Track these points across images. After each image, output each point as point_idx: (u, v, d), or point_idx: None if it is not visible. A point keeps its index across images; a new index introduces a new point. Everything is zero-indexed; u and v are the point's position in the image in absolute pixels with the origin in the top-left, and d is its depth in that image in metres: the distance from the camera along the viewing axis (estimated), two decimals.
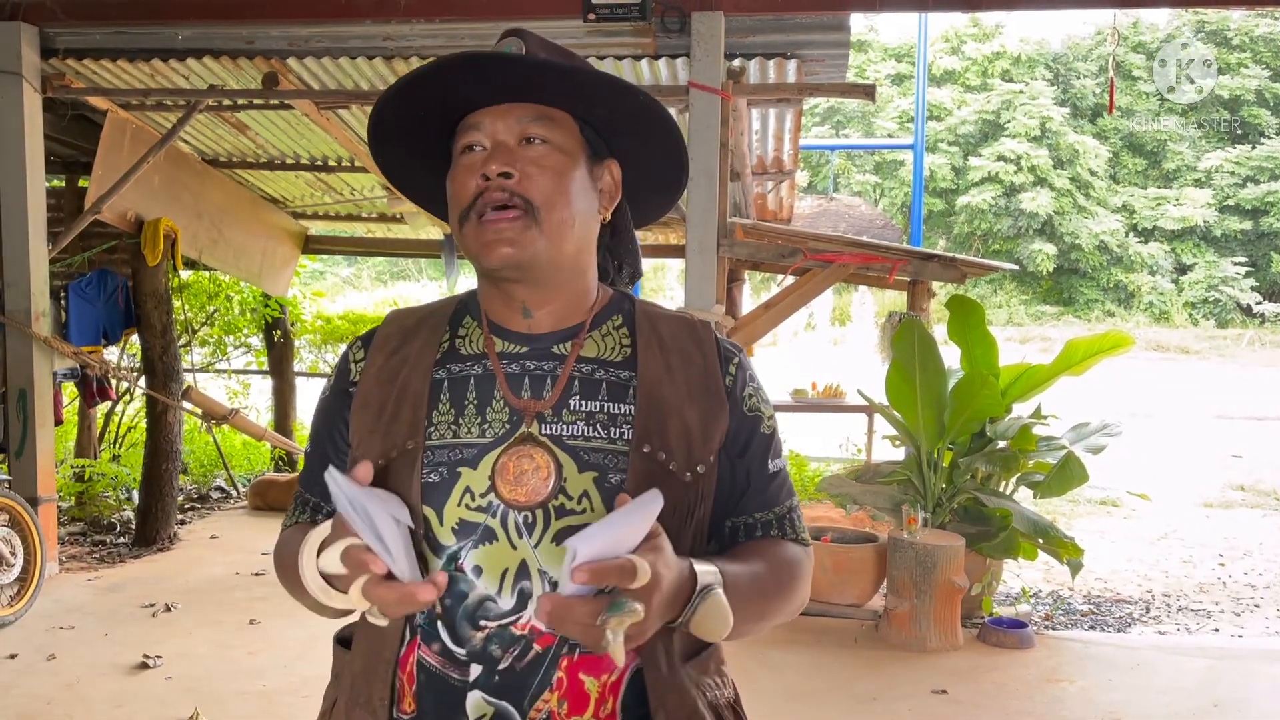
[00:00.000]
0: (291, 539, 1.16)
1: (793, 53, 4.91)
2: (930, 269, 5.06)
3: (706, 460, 1.13)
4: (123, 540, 6.21)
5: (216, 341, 8.80)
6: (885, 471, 5.22)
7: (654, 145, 1.21)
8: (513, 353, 1.15)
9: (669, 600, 0.95)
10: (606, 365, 1.14)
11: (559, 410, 1.10)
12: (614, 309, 1.21)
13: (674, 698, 1.08)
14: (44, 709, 3.64)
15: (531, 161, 1.10)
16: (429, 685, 1.08)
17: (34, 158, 5.23)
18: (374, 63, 5.13)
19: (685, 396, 1.13)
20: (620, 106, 1.15)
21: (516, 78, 1.10)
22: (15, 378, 5.26)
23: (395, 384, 1.15)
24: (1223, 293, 27.47)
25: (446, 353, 1.17)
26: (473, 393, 1.13)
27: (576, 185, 1.13)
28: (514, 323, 1.17)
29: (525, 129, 1.11)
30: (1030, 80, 30.94)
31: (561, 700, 1.05)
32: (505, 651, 1.05)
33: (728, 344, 1.22)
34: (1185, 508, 8.21)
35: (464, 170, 1.12)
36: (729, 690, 1.19)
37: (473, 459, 1.09)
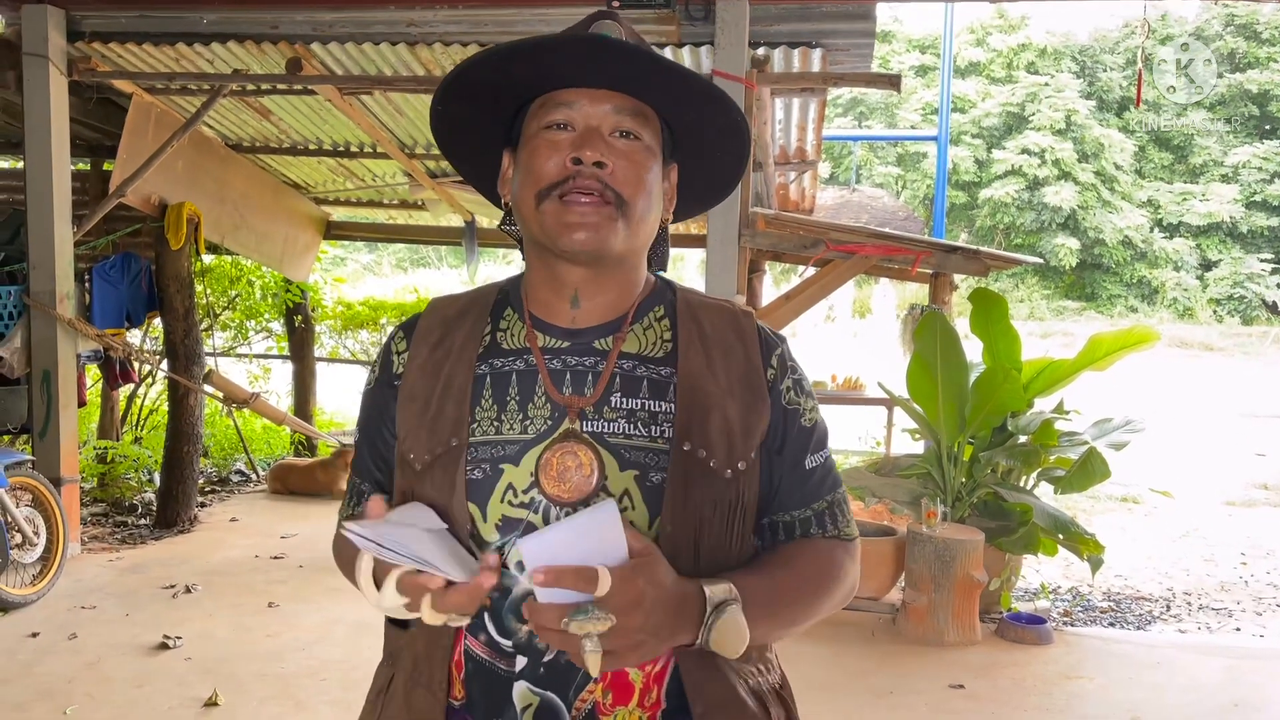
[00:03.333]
0: None
1: (818, 42, 4.87)
2: (954, 261, 5.02)
3: (748, 457, 1.12)
4: (144, 522, 6.26)
5: (238, 326, 8.85)
6: (904, 465, 5.19)
7: (718, 160, 1.21)
8: (555, 347, 1.14)
9: (667, 619, 0.95)
10: (647, 362, 1.13)
11: (600, 408, 1.10)
12: (656, 299, 1.20)
13: (712, 686, 1.08)
14: (65, 687, 3.68)
15: (623, 155, 1.09)
16: (476, 674, 1.10)
17: (60, 141, 5.26)
18: (397, 48, 5.13)
19: (726, 391, 1.12)
20: (709, 117, 1.14)
21: (622, 67, 1.08)
22: (40, 359, 5.31)
23: (440, 378, 1.15)
24: (1248, 289, 27.18)
25: (488, 346, 1.16)
26: (515, 388, 1.12)
27: (656, 184, 1.13)
28: (557, 315, 1.16)
29: (620, 121, 1.10)
30: (1056, 73, 30.66)
31: (606, 691, 1.06)
32: (550, 645, 1.05)
33: (770, 335, 1.20)
34: (1208, 506, 8.14)
35: (549, 146, 1.09)
36: (774, 676, 1.18)
37: (515, 455, 1.09)
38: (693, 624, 0.98)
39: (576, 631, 0.89)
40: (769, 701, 1.14)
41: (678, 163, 1.21)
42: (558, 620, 0.90)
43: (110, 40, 5.23)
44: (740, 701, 1.10)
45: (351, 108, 5.81)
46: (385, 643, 1.22)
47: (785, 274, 17.51)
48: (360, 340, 9.41)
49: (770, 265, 8.27)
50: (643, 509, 1.07)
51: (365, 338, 9.38)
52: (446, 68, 5.34)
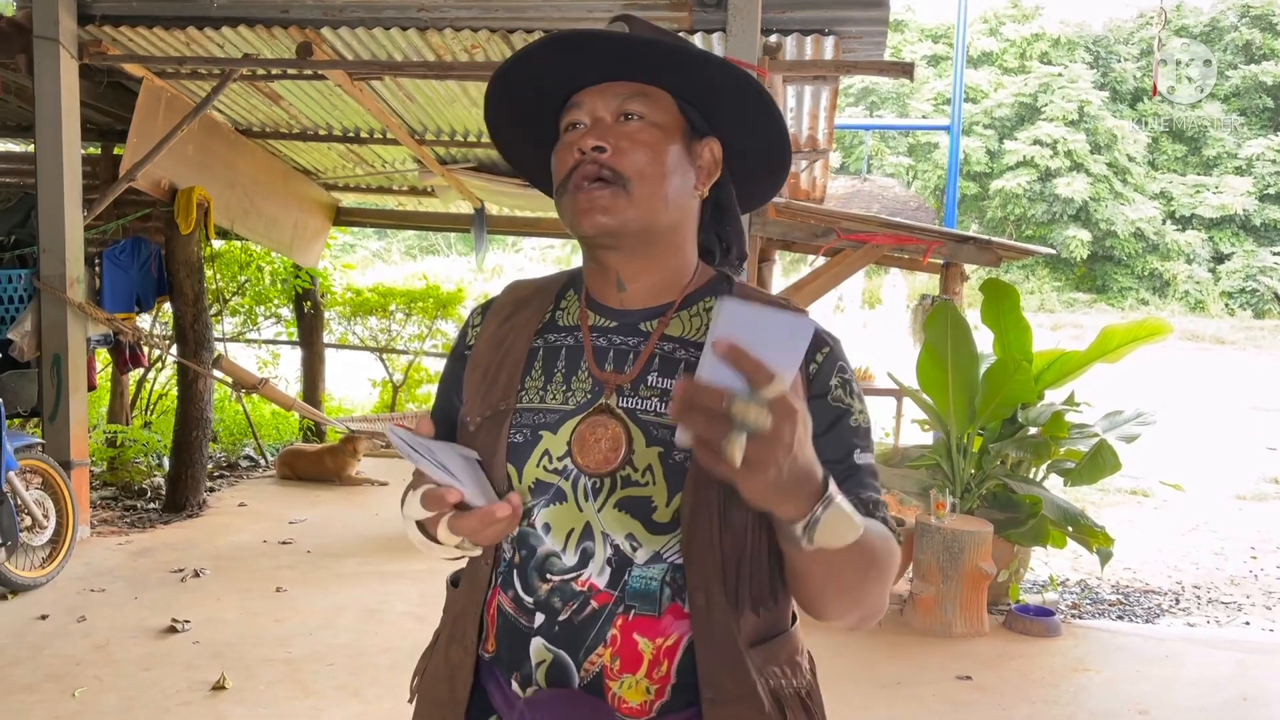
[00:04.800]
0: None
1: (830, 29, 4.83)
2: (965, 251, 4.99)
3: None
4: (153, 506, 6.28)
5: (247, 311, 8.87)
6: (914, 456, 5.18)
7: (750, 122, 1.22)
8: (603, 326, 1.20)
9: (799, 473, 0.88)
10: (689, 345, 1.16)
11: (636, 385, 1.14)
12: (710, 290, 1.22)
13: (728, 677, 1.08)
14: (73, 670, 3.69)
15: (625, 136, 1.14)
16: (505, 628, 1.16)
17: (70, 124, 5.26)
18: (408, 33, 5.11)
19: None
20: (714, 82, 1.17)
21: (612, 56, 1.15)
22: (50, 343, 5.32)
23: (501, 349, 1.23)
24: (1260, 283, 27.02)
25: (547, 323, 1.24)
26: (562, 362, 1.19)
27: (671, 159, 1.15)
28: (609, 297, 1.21)
29: (623, 105, 1.16)
30: (1069, 63, 30.48)
31: (615, 657, 1.09)
32: (565, 604, 1.11)
33: (820, 333, 1.16)
34: (1218, 499, 8.11)
35: (564, 147, 1.17)
36: (801, 681, 1.16)
37: (554, 424, 1.15)
38: (815, 490, 0.91)
39: (737, 415, 0.82)
40: (788, 705, 1.12)
41: (721, 138, 1.21)
42: (719, 401, 0.82)
43: (121, 24, 5.22)
44: (756, 699, 1.08)
45: (362, 93, 5.80)
46: (445, 603, 1.29)
47: (795, 263, 17.46)
48: (369, 327, 9.42)
49: (780, 254, 8.23)
50: (663, 484, 1.09)
51: (374, 324, 9.39)
52: (457, 53, 5.33)
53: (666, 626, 1.09)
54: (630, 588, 1.09)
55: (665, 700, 1.09)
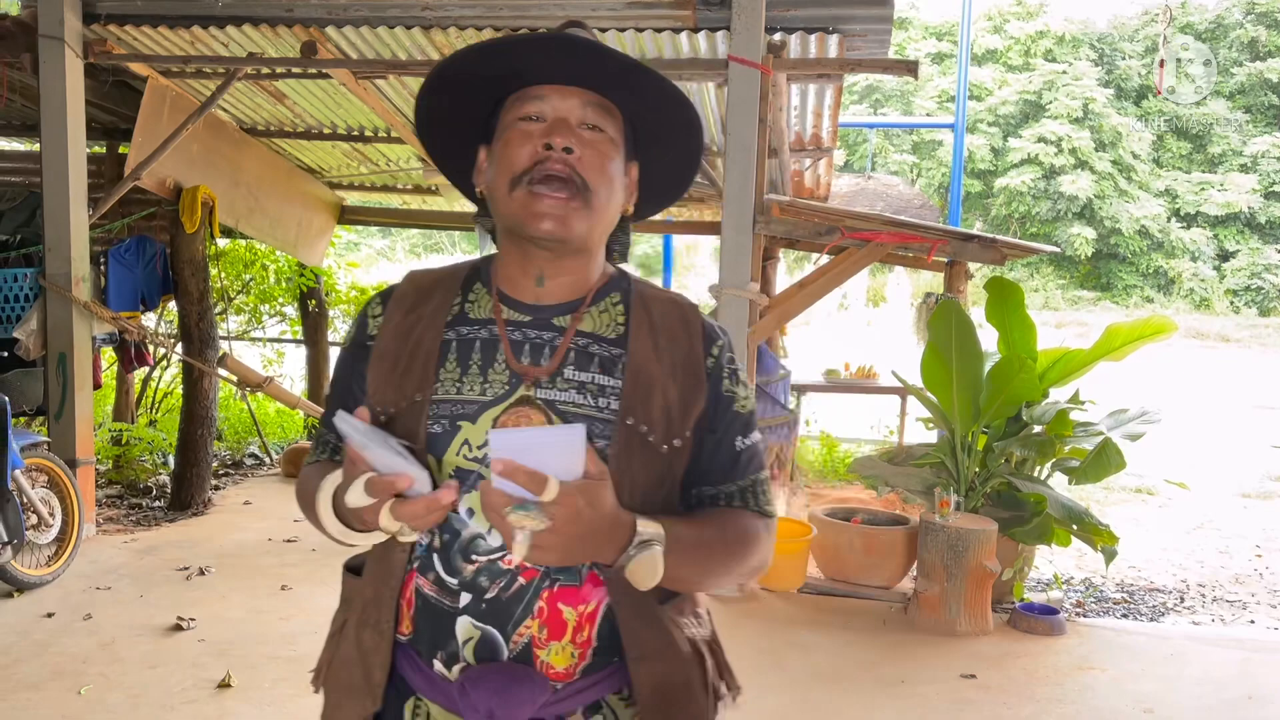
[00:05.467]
0: (312, 476, 1.29)
1: (834, 27, 4.83)
2: (970, 250, 4.98)
3: (683, 435, 1.22)
4: (158, 504, 6.29)
5: (252, 310, 8.87)
6: (918, 454, 5.17)
7: (676, 158, 1.31)
8: (517, 321, 1.25)
9: (595, 538, 1.05)
10: (600, 340, 1.24)
11: (554, 378, 1.20)
12: (613, 287, 1.30)
13: (648, 633, 1.20)
14: (79, 667, 3.70)
15: (589, 145, 1.19)
16: (424, 610, 1.20)
17: (75, 123, 5.27)
18: (412, 32, 5.11)
19: (669, 375, 1.23)
20: (670, 117, 1.25)
21: (592, 65, 1.18)
22: (55, 341, 5.33)
23: (410, 340, 1.26)
24: (1266, 280, 26.98)
25: (457, 315, 1.27)
26: (477, 354, 1.23)
27: (617, 176, 1.23)
28: (522, 292, 1.26)
29: (586, 114, 1.20)
30: (1074, 60, 30.43)
31: (542, 627, 1.17)
32: (493, 583, 1.17)
33: (713, 327, 1.31)
34: (1223, 498, 8.09)
35: (522, 136, 1.19)
36: (706, 629, 1.31)
37: (473, 414, 1.19)
38: (616, 549, 1.08)
39: (514, 523, 0.99)
40: (703, 650, 1.27)
41: (638, 161, 1.30)
42: (502, 505, 1.00)
43: (126, 23, 5.23)
44: (675, 648, 1.22)
45: (366, 92, 5.80)
46: (342, 590, 1.35)
47: (799, 261, 17.46)
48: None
49: (784, 252, 8.23)
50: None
51: None
52: None
53: (587, 594, 1.18)
54: None
55: (587, 663, 1.19)
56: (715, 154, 6.51)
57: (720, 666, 1.31)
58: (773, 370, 6.12)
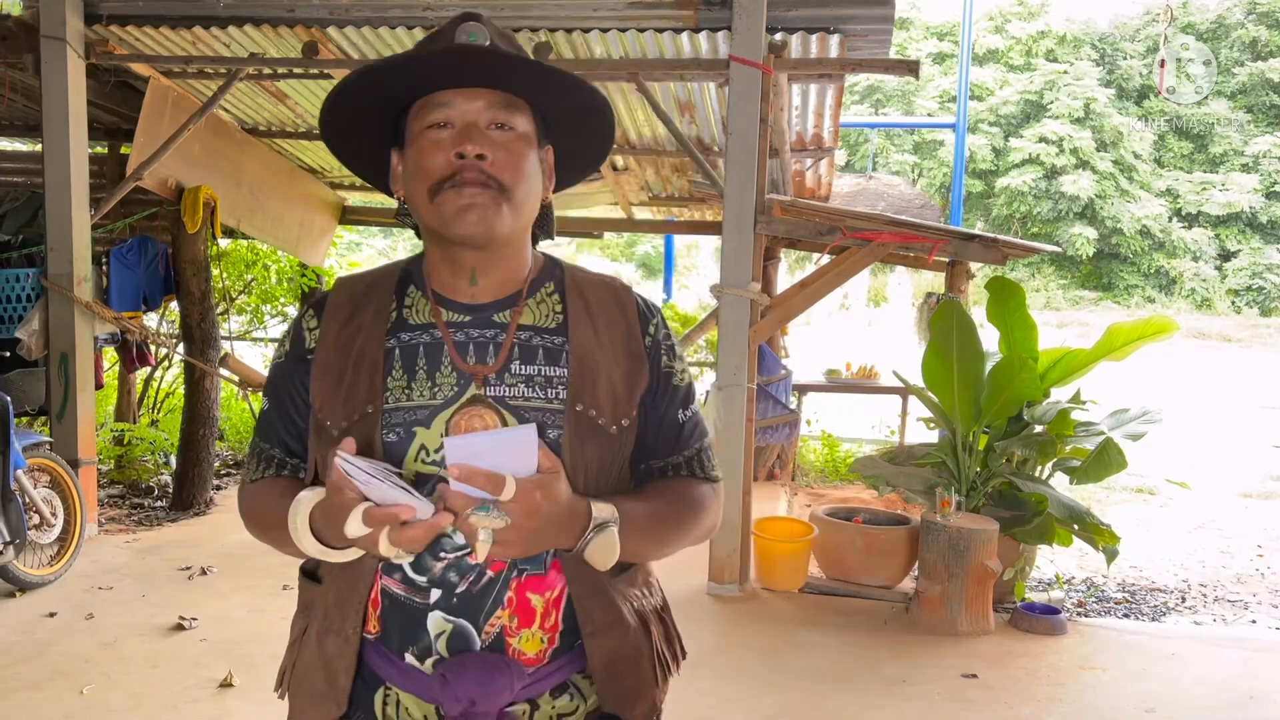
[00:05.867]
0: (264, 495, 1.30)
1: (835, 27, 4.83)
2: (971, 250, 4.99)
3: (630, 414, 1.27)
4: (160, 504, 6.30)
5: (254, 310, 8.87)
6: (919, 454, 5.17)
7: (589, 136, 1.34)
8: (458, 321, 1.27)
9: (553, 527, 1.09)
10: (542, 332, 1.27)
11: (502, 374, 1.23)
12: (546, 276, 1.33)
13: (599, 608, 1.24)
14: (81, 667, 3.71)
15: (501, 146, 1.21)
16: (392, 609, 1.23)
17: (77, 124, 5.27)
18: (414, 32, 5.11)
19: (612, 359, 1.27)
20: (574, 102, 1.27)
21: (492, 68, 1.21)
22: (57, 342, 5.33)
23: (351, 352, 1.26)
24: (1267, 280, 26.97)
25: (396, 322, 1.28)
26: (423, 359, 1.24)
27: (533, 168, 1.25)
28: (458, 292, 1.28)
29: (494, 115, 1.21)
30: (1075, 60, 30.43)
31: (512, 616, 1.21)
32: (462, 578, 1.20)
33: (646, 305, 1.35)
34: (1224, 498, 8.09)
35: (433, 145, 1.20)
36: (655, 599, 1.35)
37: (426, 419, 1.21)
38: (574, 535, 1.13)
39: (475, 524, 1.04)
40: (650, 621, 1.31)
41: (552, 144, 1.32)
42: (463, 509, 1.04)
43: (127, 23, 5.23)
44: (624, 622, 1.26)
45: None
46: (299, 595, 1.36)
47: (800, 261, 17.46)
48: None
49: (786, 252, 8.24)
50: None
51: None
52: None
53: (552, 581, 1.22)
54: None
55: (556, 646, 1.23)
56: (716, 154, 6.52)
57: (669, 635, 1.35)
58: (774, 370, 6.13)
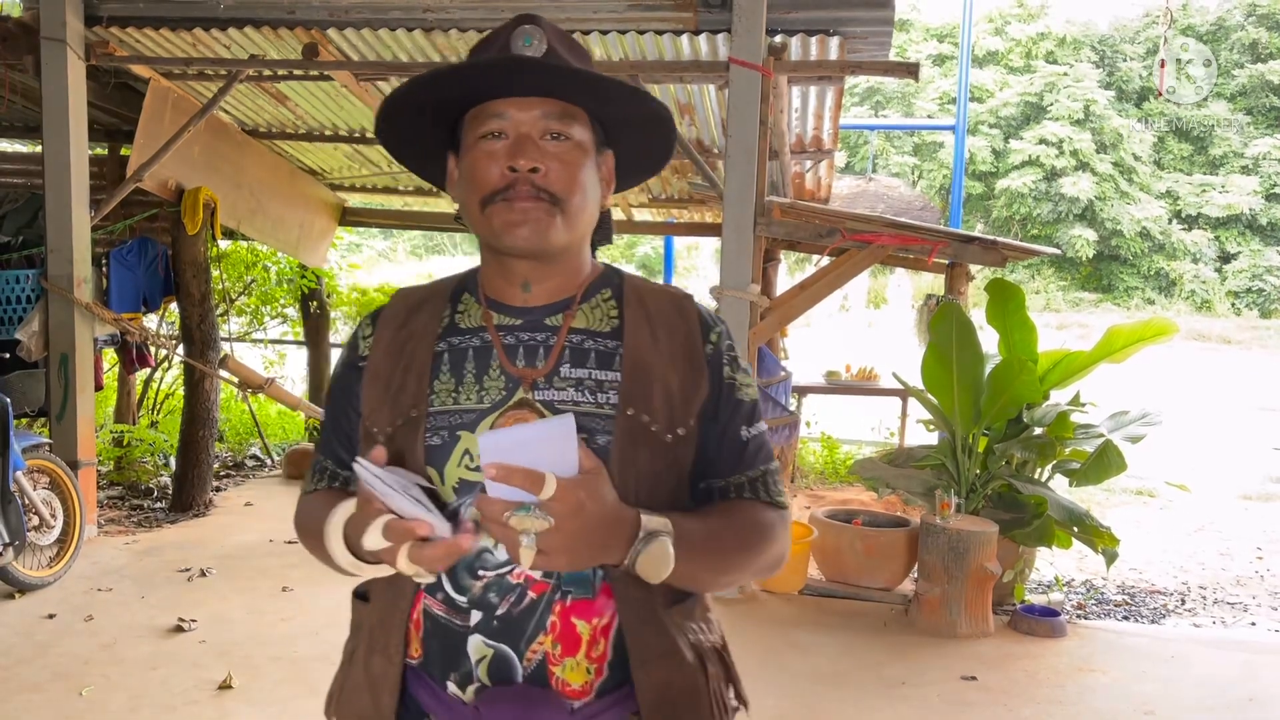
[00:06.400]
0: (314, 506, 1.27)
1: (835, 30, 4.83)
2: (971, 252, 4.99)
3: (687, 423, 1.20)
4: (160, 505, 6.30)
5: (254, 311, 8.88)
6: (919, 456, 5.17)
7: (649, 142, 1.30)
8: (508, 325, 1.23)
9: (600, 533, 1.03)
10: (595, 336, 1.22)
11: (551, 378, 1.19)
12: (604, 283, 1.28)
13: (652, 638, 1.16)
14: (81, 668, 3.71)
15: (555, 157, 1.17)
16: (434, 631, 1.17)
17: (77, 125, 5.28)
18: (414, 34, 5.12)
19: (668, 363, 1.21)
20: (633, 111, 1.23)
21: (546, 77, 1.16)
22: (57, 343, 5.33)
23: (402, 357, 1.24)
24: (1267, 282, 26.96)
25: (447, 327, 1.26)
26: (471, 363, 1.21)
27: (590, 178, 1.21)
28: (510, 297, 1.25)
29: (549, 125, 1.18)
30: (1075, 62, 30.43)
31: (555, 643, 1.13)
32: (503, 599, 1.14)
33: (709, 315, 1.29)
34: (1224, 500, 8.09)
35: (486, 157, 1.18)
36: (715, 636, 1.26)
37: (471, 423, 1.17)
38: (624, 544, 1.06)
39: (515, 526, 0.97)
40: (708, 659, 1.22)
41: (611, 149, 1.29)
42: (502, 513, 0.98)
43: (128, 25, 5.24)
44: (679, 655, 1.17)
45: (367, 94, 5.81)
46: (351, 616, 1.32)
47: (800, 263, 17.45)
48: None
49: (785, 254, 8.24)
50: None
51: None
52: (462, 54, 5.33)
53: (601, 607, 1.15)
54: (565, 574, 1.13)
55: (604, 679, 1.15)
56: (716, 156, 6.52)
57: (729, 677, 1.26)
58: (774, 371, 6.13)
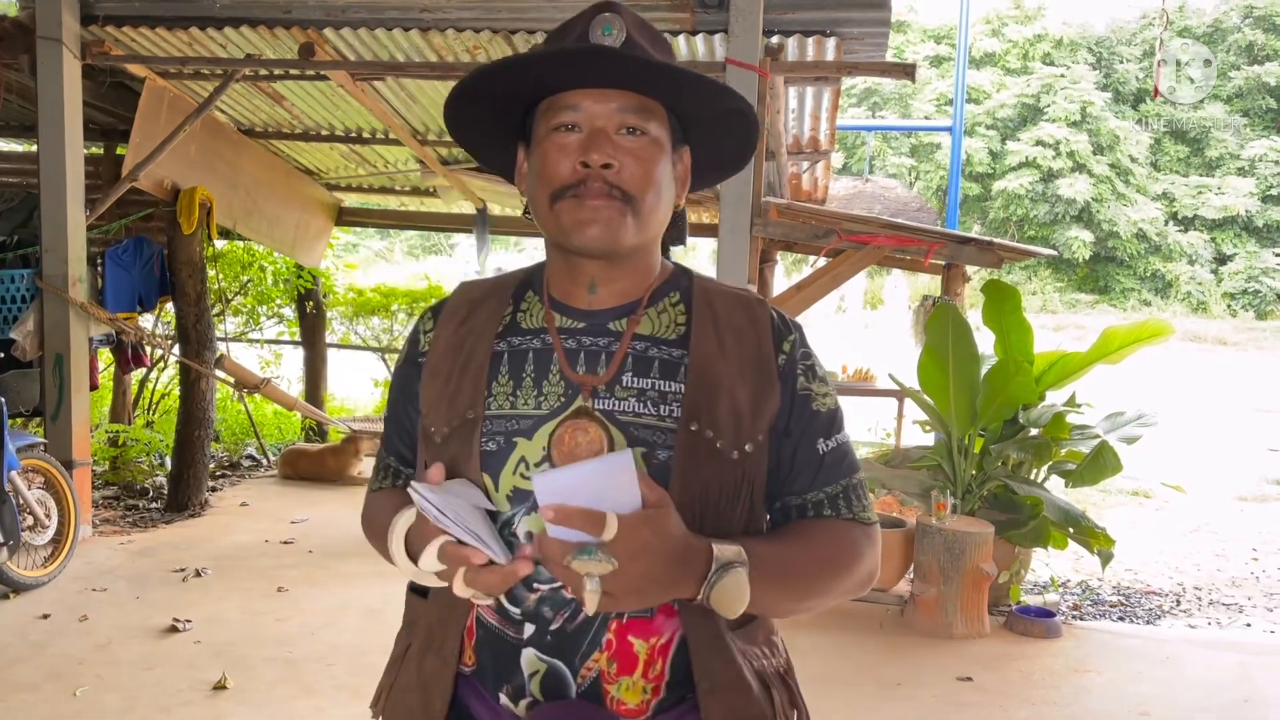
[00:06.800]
0: (381, 505, 1.26)
1: (832, 30, 4.83)
2: (967, 253, 4.99)
3: (755, 439, 1.13)
4: (155, 505, 6.29)
5: (250, 311, 8.87)
6: (915, 457, 5.17)
7: (729, 140, 1.24)
8: (571, 328, 1.17)
9: (669, 570, 0.98)
10: (660, 343, 1.16)
11: (612, 386, 1.12)
12: (672, 285, 1.22)
13: (719, 664, 1.11)
14: (75, 669, 3.70)
15: (630, 153, 1.11)
16: (486, 641, 1.14)
17: (73, 124, 5.27)
18: (410, 34, 5.12)
19: (737, 375, 1.14)
20: (714, 107, 1.17)
21: (624, 68, 1.10)
22: (52, 343, 5.32)
23: (461, 354, 1.19)
24: (1263, 284, 27.00)
25: (508, 325, 1.20)
26: (530, 365, 1.16)
27: (665, 176, 1.15)
28: (575, 298, 1.19)
29: (624, 119, 1.12)
30: (1072, 64, 30.47)
31: (611, 661, 1.09)
32: (556, 613, 1.09)
33: (784, 321, 1.22)
34: (1219, 501, 8.10)
35: (558, 150, 1.12)
36: (779, 660, 1.21)
37: (528, 430, 1.12)
38: (695, 579, 1.00)
39: (578, 570, 0.93)
40: (773, 684, 1.16)
41: (689, 146, 1.22)
42: (562, 556, 0.93)
43: (124, 24, 5.23)
44: (745, 682, 1.12)
45: (364, 94, 5.81)
46: (405, 611, 1.27)
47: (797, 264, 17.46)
48: (371, 326, 9.43)
49: (782, 255, 8.22)
50: None
51: (376, 324, 9.40)
52: (459, 54, 5.33)
53: (659, 626, 1.10)
54: None
55: (661, 698, 1.11)
56: None
57: (794, 702, 1.20)
58: None
